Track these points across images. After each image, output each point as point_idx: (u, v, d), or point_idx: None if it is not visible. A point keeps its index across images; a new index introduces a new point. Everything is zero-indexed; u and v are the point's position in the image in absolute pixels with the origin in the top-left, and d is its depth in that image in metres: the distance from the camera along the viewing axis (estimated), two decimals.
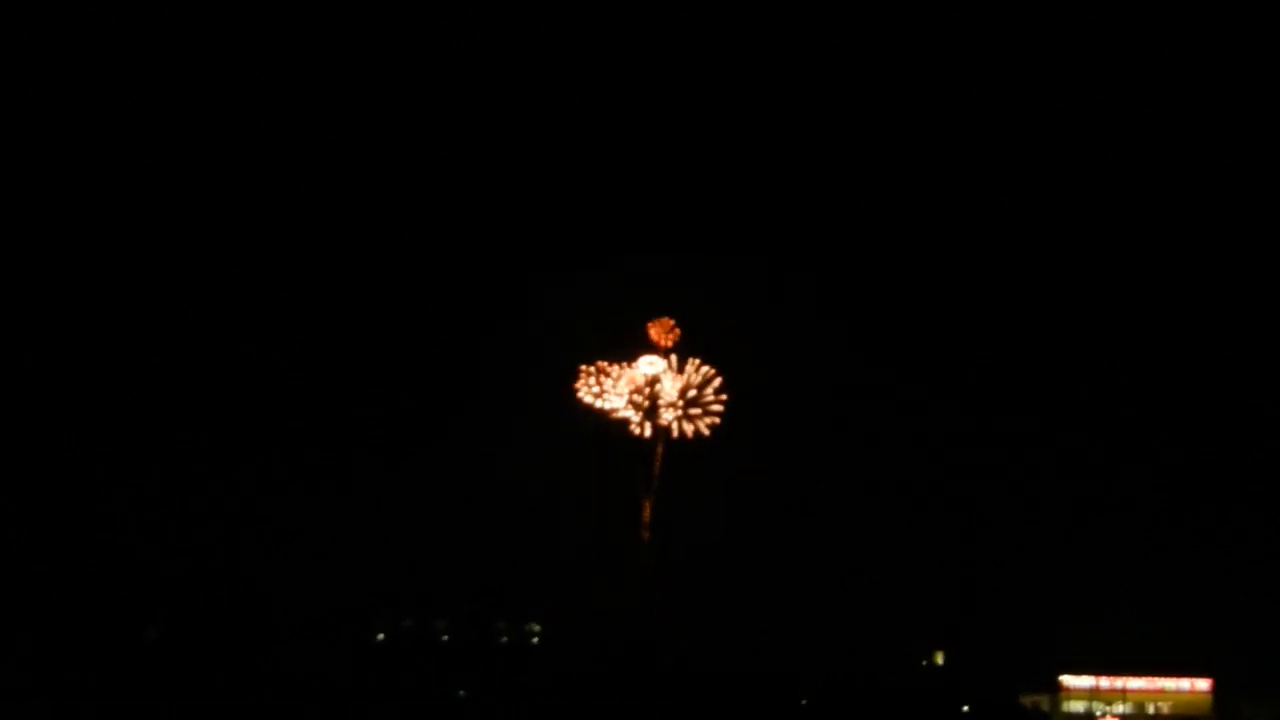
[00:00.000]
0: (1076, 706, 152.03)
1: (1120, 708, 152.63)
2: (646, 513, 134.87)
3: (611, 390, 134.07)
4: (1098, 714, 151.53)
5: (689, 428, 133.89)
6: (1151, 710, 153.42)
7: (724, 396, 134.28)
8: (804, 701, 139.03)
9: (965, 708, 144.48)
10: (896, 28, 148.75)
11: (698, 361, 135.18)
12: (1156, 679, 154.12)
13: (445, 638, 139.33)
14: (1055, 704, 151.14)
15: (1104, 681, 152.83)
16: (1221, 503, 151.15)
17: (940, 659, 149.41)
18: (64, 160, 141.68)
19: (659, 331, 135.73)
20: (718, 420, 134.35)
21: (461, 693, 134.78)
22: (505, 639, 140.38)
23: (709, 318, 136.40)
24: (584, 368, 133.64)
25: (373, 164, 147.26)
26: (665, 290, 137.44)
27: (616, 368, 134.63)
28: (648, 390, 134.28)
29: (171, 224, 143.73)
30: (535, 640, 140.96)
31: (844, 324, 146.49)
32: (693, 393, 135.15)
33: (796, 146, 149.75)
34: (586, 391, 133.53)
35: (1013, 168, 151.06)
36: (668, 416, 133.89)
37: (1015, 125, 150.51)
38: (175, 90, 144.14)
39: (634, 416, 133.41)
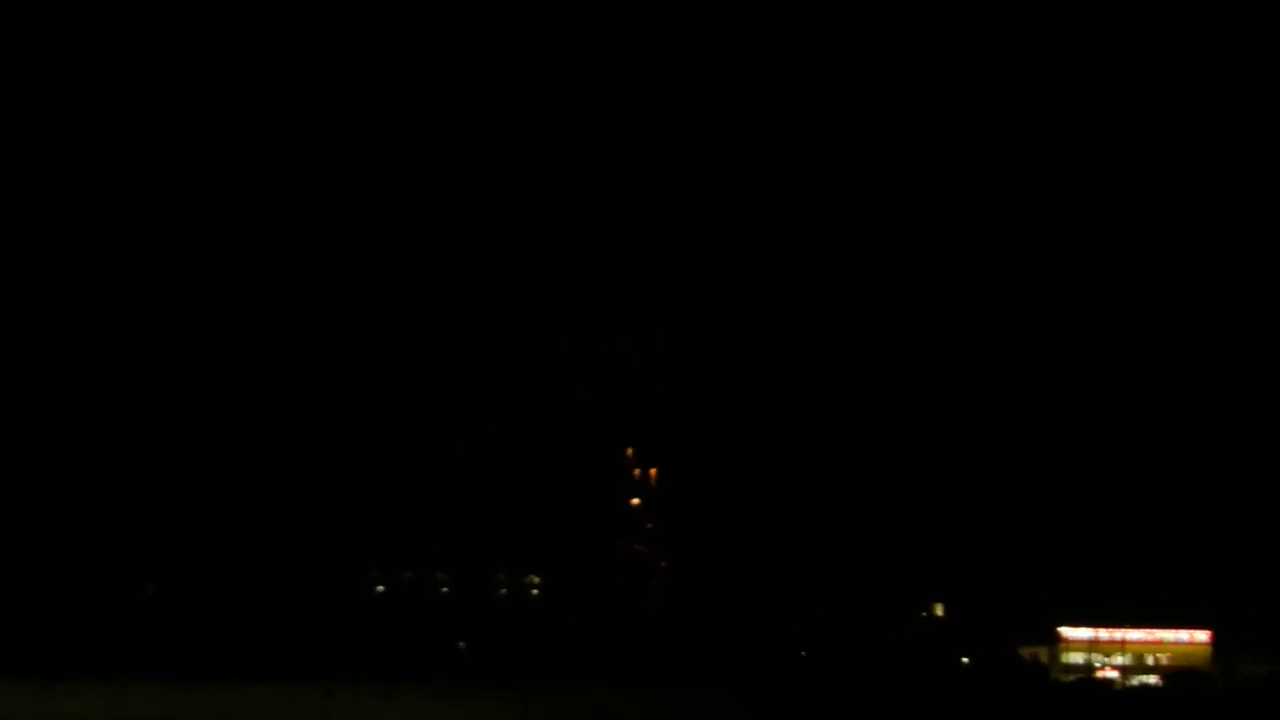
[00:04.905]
0: (1075, 658, 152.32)
1: (1119, 659, 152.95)
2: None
3: None
4: (1096, 665, 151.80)
5: None
6: (1150, 662, 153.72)
7: None
8: (803, 653, 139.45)
9: (964, 659, 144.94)
10: (896, 30, 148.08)
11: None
12: (1155, 631, 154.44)
13: (445, 590, 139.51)
14: (1054, 656, 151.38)
15: (1103, 633, 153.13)
16: (1221, 456, 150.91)
17: (940, 610, 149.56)
18: (62, 159, 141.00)
19: None
20: None
21: (461, 644, 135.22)
22: (504, 591, 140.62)
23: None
24: None
25: (364, 160, 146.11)
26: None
27: None
28: None
29: (170, 223, 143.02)
30: (535, 593, 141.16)
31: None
32: None
33: (793, 149, 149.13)
34: None
35: (1012, 168, 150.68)
36: None
37: (1014, 125, 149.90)
38: (169, 87, 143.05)
39: None
